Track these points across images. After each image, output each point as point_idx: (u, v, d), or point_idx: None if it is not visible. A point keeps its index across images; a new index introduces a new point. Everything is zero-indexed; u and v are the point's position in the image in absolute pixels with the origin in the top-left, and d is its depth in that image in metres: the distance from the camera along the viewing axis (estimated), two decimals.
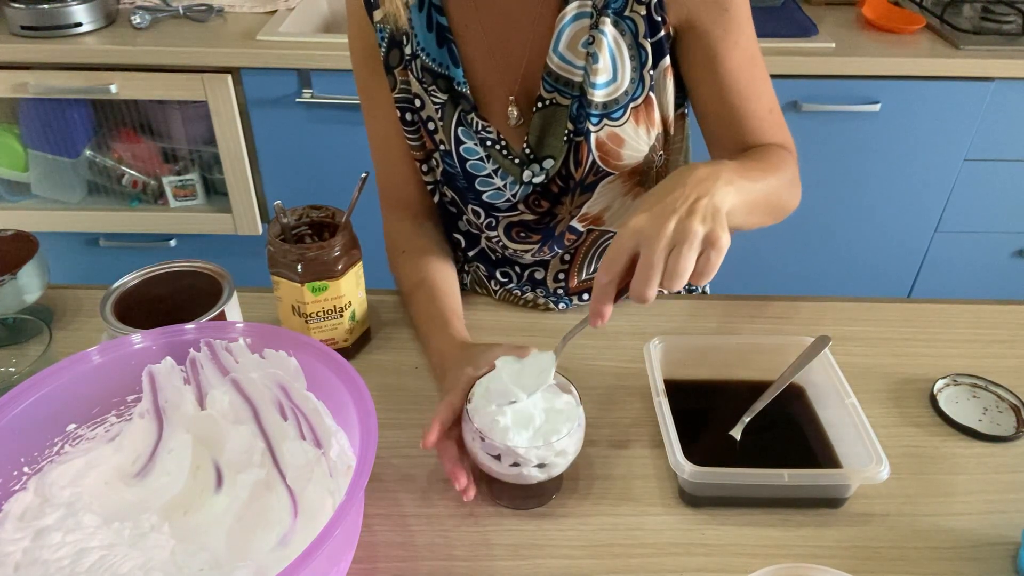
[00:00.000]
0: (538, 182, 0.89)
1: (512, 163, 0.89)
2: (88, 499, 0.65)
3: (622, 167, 0.87)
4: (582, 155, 0.85)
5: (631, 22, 0.81)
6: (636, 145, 0.86)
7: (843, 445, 0.74)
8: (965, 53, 1.68)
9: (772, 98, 0.87)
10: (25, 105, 1.78)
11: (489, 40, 0.85)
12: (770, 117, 0.86)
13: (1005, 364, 0.87)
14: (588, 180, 0.87)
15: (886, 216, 1.91)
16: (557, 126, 0.85)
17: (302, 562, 0.49)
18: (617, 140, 0.85)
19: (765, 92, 0.85)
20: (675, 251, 0.62)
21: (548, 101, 0.85)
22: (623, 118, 0.84)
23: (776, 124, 0.87)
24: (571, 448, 0.68)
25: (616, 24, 0.80)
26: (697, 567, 0.66)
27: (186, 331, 0.69)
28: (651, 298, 0.63)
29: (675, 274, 0.62)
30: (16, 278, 0.85)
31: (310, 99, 1.70)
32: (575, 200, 0.90)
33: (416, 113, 0.90)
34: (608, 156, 0.86)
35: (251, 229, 1.90)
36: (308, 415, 0.67)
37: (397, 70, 0.89)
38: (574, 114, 0.84)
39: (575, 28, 0.81)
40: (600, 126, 0.84)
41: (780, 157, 0.84)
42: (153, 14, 1.76)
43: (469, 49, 0.86)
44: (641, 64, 0.82)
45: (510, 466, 0.65)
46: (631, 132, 0.85)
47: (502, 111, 0.88)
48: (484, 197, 0.91)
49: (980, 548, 0.68)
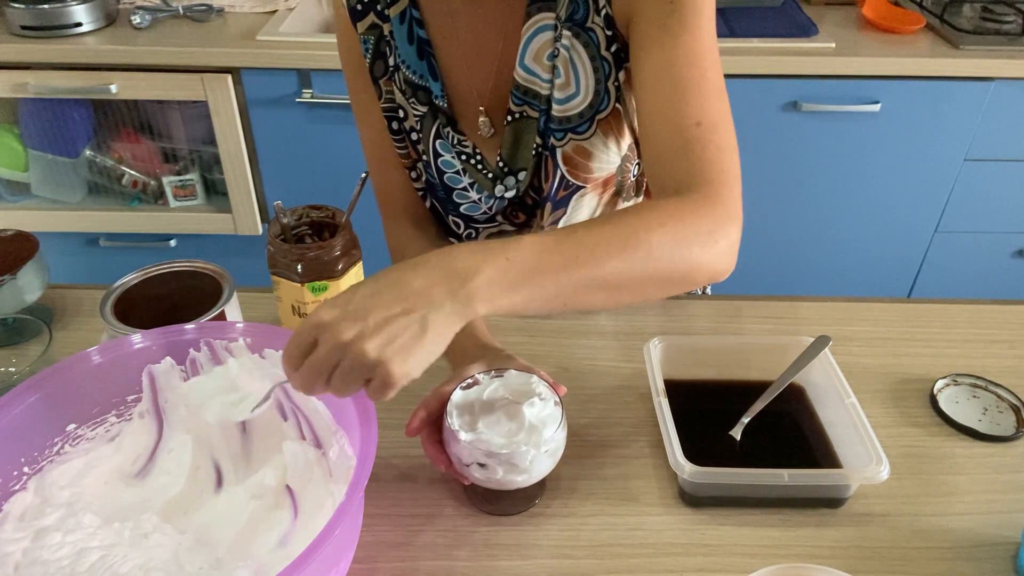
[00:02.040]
0: (510, 196, 0.88)
1: (485, 177, 0.88)
2: (88, 499, 0.65)
3: (592, 179, 0.86)
4: (549, 169, 0.84)
5: (592, 34, 0.78)
6: (605, 157, 0.85)
7: (843, 445, 0.74)
8: (965, 53, 1.68)
9: (711, 115, 0.70)
10: (25, 105, 1.78)
11: (464, 51, 0.85)
12: (695, 131, 0.69)
13: (1005, 364, 0.87)
14: (559, 195, 0.86)
15: (886, 216, 1.91)
16: (528, 138, 0.85)
17: (302, 562, 0.49)
18: (584, 153, 0.84)
19: (699, 101, 0.70)
20: (339, 367, 0.54)
21: (518, 114, 0.84)
22: (589, 131, 0.82)
23: (699, 142, 0.69)
24: (552, 452, 0.67)
25: (578, 36, 0.78)
26: (697, 567, 0.66)
27: (186, 331, 0.69)
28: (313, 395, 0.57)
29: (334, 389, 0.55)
30: (16, 278, 0.85)
31: (310, 99, 1.70)
32: (549, 215, 0.89)
33: (401, 123, 0.90)
34: (576, 170, 0.85)
35: (251, 229, 1.90)
36: (308, 415, 0.68)
37: (382, 80, 0.89)
38: (542, 128, 0.83)
39: (540, 40, 0.80)
40: (565, 140, 0.82)
41: (642, 219, 0.63)
42: (153, 14, 1.76)
43: (447, 61, 0.86)
44: (605, 76, 0.80)
45: (488, 470, 0.65)
46: (599, 144, 0.83)
47: (476, 123, 0.88)
48: (462, 209, 0.91)
49: (980, 548, 0.68)
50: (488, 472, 0.65)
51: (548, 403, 0.68)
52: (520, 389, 0.69)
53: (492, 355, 0.76)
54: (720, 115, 0.71)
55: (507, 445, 0.65)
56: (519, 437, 0.65)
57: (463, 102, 0.87)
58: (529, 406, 0.67)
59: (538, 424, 0.66)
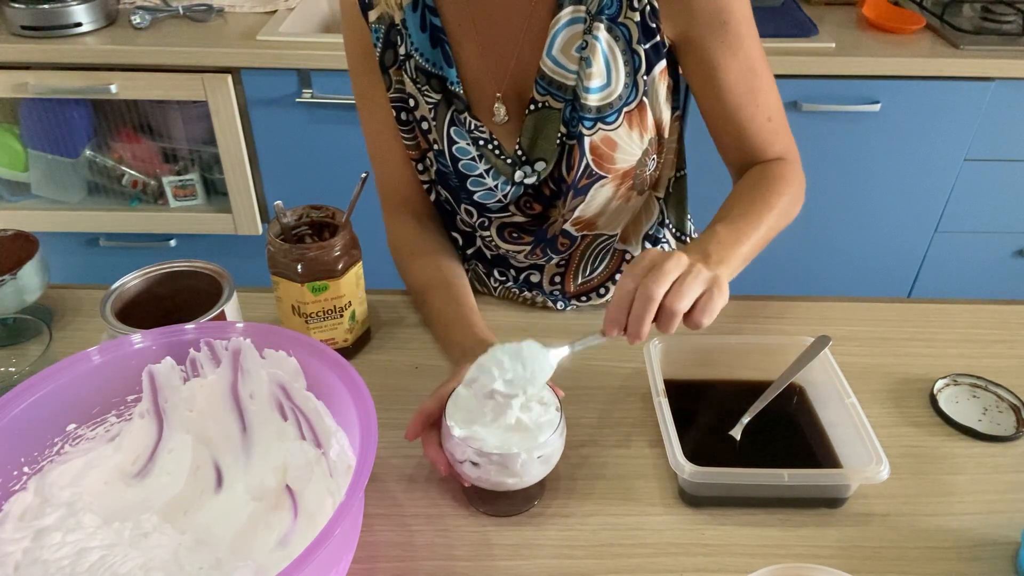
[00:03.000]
0: (530, 183, 0.89)
1: (504, 163, 0.89)
2: (88, 499, 0.65)
3: (615, 170, 0.87)
4: (575, 158, 0.85)
5: (625, 28, 0.81)
6: (629, 149, 0.86)
7: (843, 445, 0.74)
8: (965, 53, 1.68)
9: (774, 106, 0.87)
10: (25, 105, 1.78)
11: (481, 38, 0.85)
12: (768, 126, 0.86)
13: (1005, 364, 0.87)
14: (581, 183, 0.87)
15: (886, 216, 1.91)
16: (550, 129, 0.85)
17: (302, 562, 0.49)
18: (610, 144, 0.85)
19: (765, 102, 0.85)
20: (677, 281, 0.65)
21: (541, 104, 0.85)
22: (616, 122, 0.84)
23: (774, 132, 0.87)
24: (551, 454, 0.67)
25: (610, 30, 0.80)
26: (697, 567, 0.66)
27: (186, 331, 0.69)
28: (644, 336, 0.67)
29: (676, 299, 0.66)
30: (16, 278, 0.85)
31: (310, 99, 1.70)
32: (568, 203, 0.90)
33: (410, 113, 0.91)
34: (601, 159, 0.86)
35: (251, 229, 1.90)
36: (308, 415, 0.67)
37: (392, 70, 0.89)
38: (567, 117, 0.84)
39: (569, 33, 0.81)
40: (594, 130, 0.84)
41: (775, 183, 0.85)
42: (153, 14, 1.76)
43: (461, 48, 0.86)
44: (635, 69, 0.82)
45: (480, 470, 0.65)
46: (624, 136, 0.85)
47: (492, 109, 0.88)
48: (476, 197, 0.91)
49: (980, 548, 0.68)
50: (481, 472, 0.65)
51: (549, 408, 0.68)
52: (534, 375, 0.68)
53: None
54: (779, 105, 0.87)
55: (500, 446, 0.64)
56: (514, 439, 0.65)
57: (477, 89, 0.88)
58: (527, 410, 0.67)
59: (534, 428, 0.66)
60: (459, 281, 0.90)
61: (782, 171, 0.87)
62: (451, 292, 0.88)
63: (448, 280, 0.90)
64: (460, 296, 0.88)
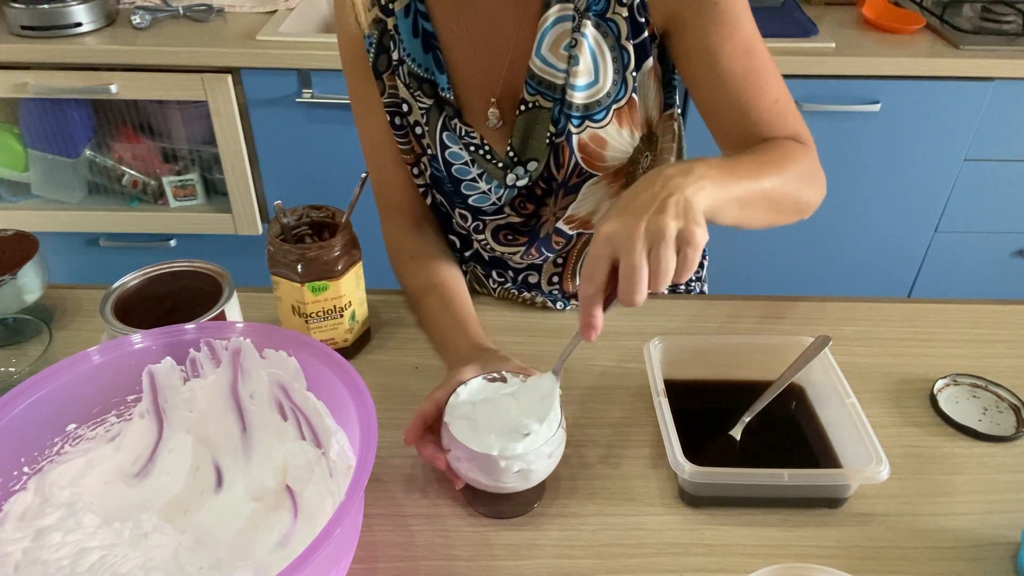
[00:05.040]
0: (521, 184, 0.89)
1: (496, 167, 0.89)
2: (88, 499, 0.65)
3: (605, 168, 0.87)
4: (564, 157, 0.85)
5: (613, 24, 0.80)
6: (619, 147, 0.86)
7: (843, 445, 0.74)
8: (965, 53, 1.68)
9: (778, 88, 0.82)
10: (25, 105, 1.79)
11: (473, 42, 0.85)
12: (775, 108, 0.81)
13: (1005, 364, 0.87)
14: (571, 181, 0.87)
15: (886, 216, 1.91)
16: (540, 128, 0.85)
17: (302, 562, 0.49)
18: (600, 141, 0.85)
19: (768, 83, 0.81)
20: (652, 252, 0.60)
21: (531, 104, 0.85)
22: (605, 119, 0.84)
23: (782, 115, 0.82)
24: (550, 455, 0.66)
25: (598, 26, 0.80)
26: (697, 567, 0.66)
27: (186, 331, 0.69)
28: (640, 302, 0.61)
29: (657, 275, 0.60)
30: (16, 278, 0.85)
31: (310, 99, 1.70)
32: (559, 202, 0.89)
33: (404, 118, 0.91)
34: (591, 158, 0.85)
35: (251, 229, 1.90)
36: (308, 415, 0.67)
37: (385, 75, 0.89)
38: (556, 116, 0.84)
39: (557, 31, 0.81)
40: (582, 128, 0.83)
41: (786, 150, 0.79)
42: (153, 14, 1.76)
43: (453, 53, 0.86)
44: (623, 66, 0.82)
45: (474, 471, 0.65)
46: (614, 133, 0.85)
47: (485, 114, 0.88)
48: (470, 201, 0.91)
49: (980, 548, 0.68)
50: (473, 473, 0.65)
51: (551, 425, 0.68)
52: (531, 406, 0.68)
53: (487, 357, 0.76)
54: (784, 88, 0.83)
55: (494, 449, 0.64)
56: (506, 446, 0.65)
57: (471, 94, 0.87)
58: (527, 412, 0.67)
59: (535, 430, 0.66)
60: (455, 285, 0.90)
61: (795, 146, 0.80)
62: (447, 296, 0.88)
63: (444, 284, 0.90)
64: (456, 300, 0.88)
